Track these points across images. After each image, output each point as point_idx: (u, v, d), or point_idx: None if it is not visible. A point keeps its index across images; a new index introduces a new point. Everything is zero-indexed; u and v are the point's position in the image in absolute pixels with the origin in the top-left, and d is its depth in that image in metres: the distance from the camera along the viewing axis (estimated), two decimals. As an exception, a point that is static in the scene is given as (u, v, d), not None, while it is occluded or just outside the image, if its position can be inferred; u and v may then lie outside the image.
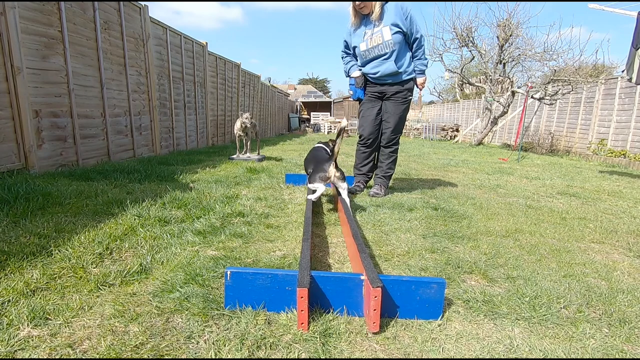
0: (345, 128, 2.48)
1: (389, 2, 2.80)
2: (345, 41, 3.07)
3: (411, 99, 3.03)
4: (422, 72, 2.96)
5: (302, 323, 1.14)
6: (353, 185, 3.24)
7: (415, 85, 3.02)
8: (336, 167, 2.47)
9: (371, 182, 3.41)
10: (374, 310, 1.13)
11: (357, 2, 2.76)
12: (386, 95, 3.01)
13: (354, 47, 2.99)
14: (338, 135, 2.39)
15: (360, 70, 3.01)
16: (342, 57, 3.14)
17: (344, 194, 2.45)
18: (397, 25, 2.76)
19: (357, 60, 3.05)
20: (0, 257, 1.51)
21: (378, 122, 3.11)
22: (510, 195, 3.44)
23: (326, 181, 2.45)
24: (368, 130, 3.12)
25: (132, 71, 5.00)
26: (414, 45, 2.89)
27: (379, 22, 2.80)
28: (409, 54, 2.91)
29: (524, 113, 7.89)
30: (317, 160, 2.62)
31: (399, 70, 2.86)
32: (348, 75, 3.10)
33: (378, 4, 2.75)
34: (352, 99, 3.18)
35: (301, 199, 2.93)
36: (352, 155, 6.81)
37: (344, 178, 2.48)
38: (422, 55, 2.92)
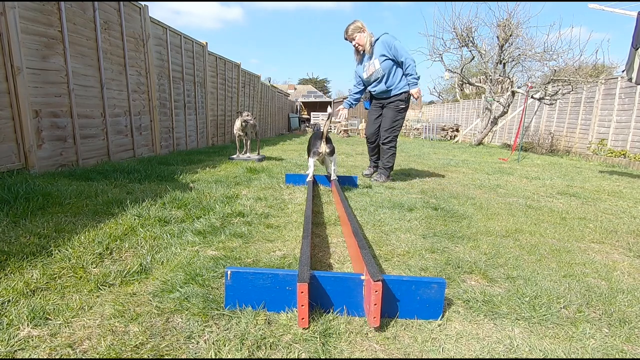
0: (334, 119, 3.69)
1: (378, 40, 3.64)
2: (355, 71, 3.97)
3: (403, 106, 3.74)
4: (415, 84, 3.64)
5: (303, 318, 1.14)
6: (368, 169, 4.28)
7: (409, 96, 3.73)
8: (327, 143, 3.25)
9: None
10: (375, 304, 1.13)
11: (353, 43, 3.69)
12: (384, 105, 3.85)
13: (360, 76, 3.89)
14: (327, 119, 3.33)
15: (345, 109, 3.99)
16: (353, 87, 4.08)
17: (332, 167, 3.26)
18: (383, 55, 3.62)
19: (363, 85, 3.94)
20: (0, 257, 1.51)
21: (377, 125, 3.97)
22: (510, 195, 3.44)
23: (319, 155, 3.23)
24: (370, 132, 4.07)
25: (132, 71, 5.00)
26: (402, 66, 3.64)
27: (371, 56, 3.69)
28: (399, 74, 3.67)
29: (524, 113, 7.89)
30: (314, 140, 3.38)
31: (389, 89, 3.72)
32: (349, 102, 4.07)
33: (369, 42, 3.64)
34: (365, 108, 4.23)
35: (301, 199, 2.93)
36: (352, 155, 6.84)
37: (332, 152, 3.26)
38: (411, 71, 3.61)
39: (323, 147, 3.22)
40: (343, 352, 1.06)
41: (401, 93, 3.67)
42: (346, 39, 3.71)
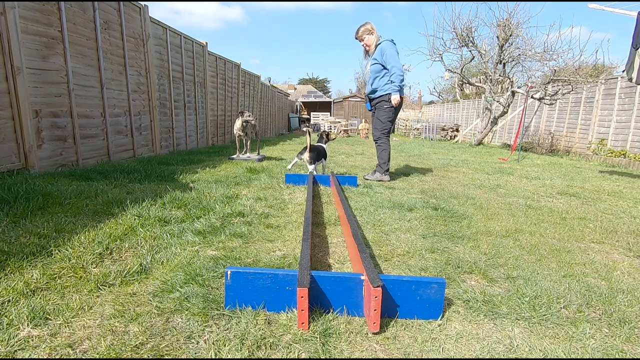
0: (334, 119, 4.40)
1: (379, 45, 3.88)
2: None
3: (387, 106, 3.95)
4: (395, 91, 3.85)
5: (303, 322, 1.14)
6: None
7: (389, 99, 3.94)
8: (310, 153, 3.81)
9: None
10: (375, 310, 1.13)
11: (362, 43, 4.04)
12: (375, 105, 4.14)
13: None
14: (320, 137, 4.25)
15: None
16: None
17: (309, 168, 3.78)
18: (375, 59, 3.93)
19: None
20: (0, 257, 1.51)
21: None
22: (510, 195, 3.44)
23: (301, 159, 3.91)
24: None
25: (132, 71, 5.00)
26: (388, 72, 3.86)
27: (372, 57, 3.99)
28: (386, 78, 3.90)
29: (524, 113, 7.89)
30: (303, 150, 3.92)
31: (374, 90, 4.02)
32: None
33: (374, 44, 3.95)
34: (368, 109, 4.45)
35: (301, 198, 2.93)
36: (352, 155, 6.83)
37: (310, 162, 3.80)
38: (394, 79, 3.82)
39: (305, 155, 3.82)
40: (343, 352, 1.06)
41: (385, 94, 3.94)
42: (356, 38, 4.06)
